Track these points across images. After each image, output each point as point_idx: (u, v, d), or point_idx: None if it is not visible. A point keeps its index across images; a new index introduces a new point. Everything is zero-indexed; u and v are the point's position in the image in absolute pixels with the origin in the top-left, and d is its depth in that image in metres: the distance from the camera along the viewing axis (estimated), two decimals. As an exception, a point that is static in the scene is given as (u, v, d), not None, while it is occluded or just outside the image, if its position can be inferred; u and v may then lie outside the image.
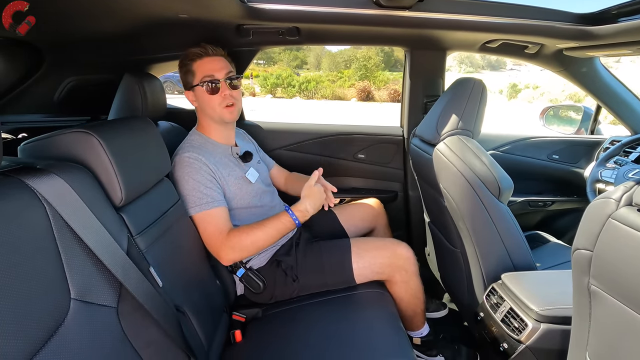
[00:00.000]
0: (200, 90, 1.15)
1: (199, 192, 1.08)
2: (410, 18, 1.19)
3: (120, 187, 0.77)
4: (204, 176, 1.10)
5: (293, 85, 18.00)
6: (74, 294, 0.60)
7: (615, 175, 1.44)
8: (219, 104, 1.15)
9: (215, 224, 1.09)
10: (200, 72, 1.14)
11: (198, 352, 0.85)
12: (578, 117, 1.86)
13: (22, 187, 0.57)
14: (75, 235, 0.63)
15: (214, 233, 1.08)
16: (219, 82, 1.14)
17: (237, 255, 1.10)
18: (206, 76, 1.14)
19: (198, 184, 1.09)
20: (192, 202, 1.08)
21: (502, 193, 1.06)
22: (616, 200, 0.57)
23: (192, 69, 1.15)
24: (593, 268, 0.61)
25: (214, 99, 1.15)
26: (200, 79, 1.14)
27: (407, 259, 1.22)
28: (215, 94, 1.15)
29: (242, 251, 1.09)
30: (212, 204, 1.09)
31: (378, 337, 1.01)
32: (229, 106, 1.17)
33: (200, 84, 1.14)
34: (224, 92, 1.15)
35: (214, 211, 1.09)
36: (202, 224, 1.09)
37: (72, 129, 0.76)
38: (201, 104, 1.18)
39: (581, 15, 1.23)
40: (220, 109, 1.16)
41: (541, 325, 0.90)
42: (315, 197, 1.14)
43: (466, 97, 1.17)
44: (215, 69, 1.14)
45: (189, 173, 1.09)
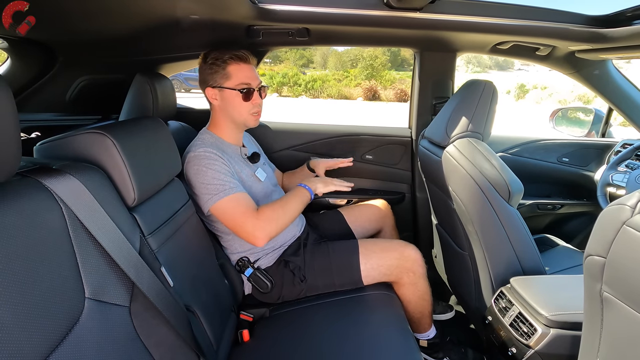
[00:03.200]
0: (232, 94, 1.16)
1: (220, 180, 1.08)
2: (420, 19, 1.19)
3: (133, 188, 0.78)
4: (222, 166, 1.11)
5: (299, 84, 18.01)
6: (89, 293, 0.61)
7: (627, 179, 1.43)
8: (248, 111, 1.19)
9: (244, 205, 1.08)
10: (237, 77, 1.16)
11: (207, 351, 0.85)
12: (589, 120, 1.84)
13: (39, 188, 0.58)
14: (90, 235, 0.64)
15: (246, 213, 1.07)
16: (253, 89, 1.18)
17: (273, 227, 1.08)
18: (244, 83, 1.16)
19: (218, 173, 1.09)
20: (214, 190, 1.07)
21: (512, 196, 1.05)
22: (631, 207, 0.56)
23: (227, 71, 1.16)
24: (606, 275, 0.60)
25: (245, 106, 1.18)
26: (236, 84, 1.16)
27: (415, 261, 1.22)
28: (248, 101, 1.18)
29: (278, 222, 1.09)
30: (236, 188, 1.09)
31: (385, 339, 1.01)
32: (256, 114, 1.21)
33: (236, 88, 1.16)
34: (256, 101, 1.19)
35: (239, 195, 1.09)
36: (230, 209, 1.08)
37: (86, 130, 0.77)
38: (228, 106, 1.18)
39: (594, 17, 1.21)
40: (248, 115, 1.19)
41: (551, 330, 0.90)
42: (317, 180, 1.25)
43: (477, 99, 1.16)
44: (251, 78, 1.18)
45: (207, 165, 1.09)
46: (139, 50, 1.39)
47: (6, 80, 0.49)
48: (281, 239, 1.26)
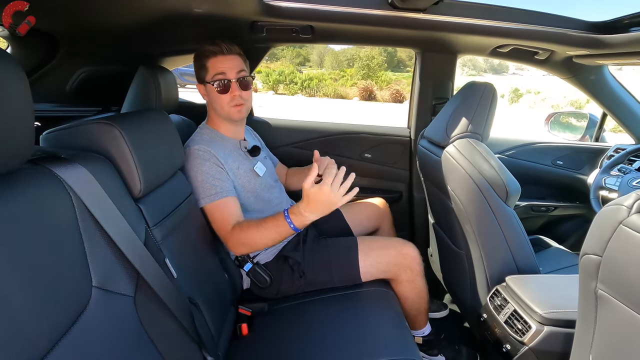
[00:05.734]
0: (210, 88, 1.16)
1: (208, 184, 1.10)
2: (424, 20, 1.20)
3: (139, 178, 0.79)
4: (213, 168, 1.11)
5: (295, 83, 17.96)
6: (95, 282, 0.62)
7: (619, 183, 1.46)
8: (227, 103, 1.16)
9: (222, 216, 1.09)
10: (212, 70, 1.15)
11: (208, 343, 0.86)
12: (583, 124, 1.88)
13: (50, 176, 0.59)
14: (97, 224, 0.64)
15: (222, 225, 1.09)
16: (229, 81, 1.14)
17: (243, 249, 1.10)
18: (218, 74, 1.14)
19: (207, 175, 1.10)
20: (202, 193, 1.10)
21: (510, 197, 1.08)
22: (628, 208, 0.58)
23: (205, 64, 1.16)
24: (601, 273, 0.62)
25: (223, 98, 1.15)
26: (212, 77, 1.14)
27: (413, 259, 1.24)
28: (225, 93, 1.15)
29: (248, 246, 1.09)
30: (221, 194, 1.10)
31: (383, 335, 1.02)
32: (237, 105, 1.17)
33: (211, 82, 1.15)
34: (234, 93, 1.15)
35: (222, 202, 1.10)
36: (211, 215, 1.11)
37: (94, 120, 0.77)
38: (210, 100, 1.19)
39: (593, 23, 1.24)
40: (229, 108, 1.16)
41: (545, 327, 0.92)
42: (312, 199, 0.92)
43: (477, 100, 1.18)
44: (227, 68, 1.14)
45: (198, 165, 1.10)
46: (142, 43, 1.39)
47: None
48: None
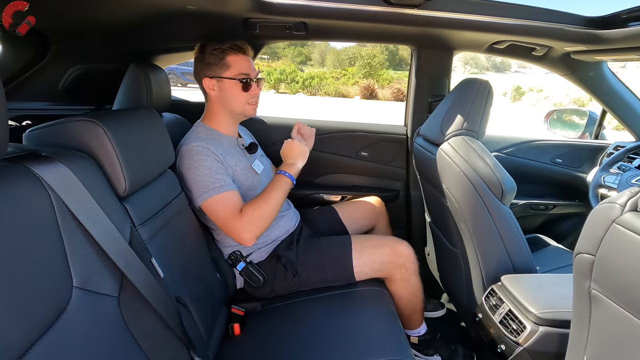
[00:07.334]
0: (231, 84, 1.17)
1: (211, 177, 1.09)
2: (418, 16, 1.19)
3: (124, 177, 0.77)
4: (214, 163, 1.11)
5: (297, 81, 17.95)
6: (76, 282, 0.60)
7: (619, 180, 1.44)
8: (246, 101, 1.20)
9: (230, 206, 1.08)
10: (236, 68, 1.17)
11: (197, 343, 0.85)
12: (582, 122, 1.86)
13: (27, 174, 0.57)
14: (78, 223, 0.63)
15: (231, 215, 1.08)
16: (252, 80, 1.19)
17: (258, 226, 1.09)
18: (243, 73, 1.17)
19: (209, 170, 1.09)
20: (204, 187, 1.08)
21: (505, 195, 1.06)
22: (621, 206, 0.57)
23: (227, 61, 1.16)
24: (595, 272, 0.61)
25: (244, 96, 1.19)
26: (236, 74, 1.17)
27: (408, 257, 1.22)
28: (247, 91, 1.19)
29: (262, 220, 1.09)
30: (225, 187, 1.09)
31: (376, 334, 1.01)
32: (254, 104, 1.23)
33: (235, 78, 1.16)
34: (254, 92, 1.21)
35: (227, 194, 1.09)
36: (216, 209, 1.09)
37: (78, 118, 0.76)
38: (226, 96, 1.18)
39: (590, 18, 1.22)
40: (246, 105, 1.20)
41: (539, 328, 0.91)
42: (286, 154, 1.23)
43: (472, 97, 1.16)
44: (250, 68, 1.19)
45: (199, 160, 1.09)
46: (134, 40, 1.38)
47: None
48: (274, 233, 1.26)
